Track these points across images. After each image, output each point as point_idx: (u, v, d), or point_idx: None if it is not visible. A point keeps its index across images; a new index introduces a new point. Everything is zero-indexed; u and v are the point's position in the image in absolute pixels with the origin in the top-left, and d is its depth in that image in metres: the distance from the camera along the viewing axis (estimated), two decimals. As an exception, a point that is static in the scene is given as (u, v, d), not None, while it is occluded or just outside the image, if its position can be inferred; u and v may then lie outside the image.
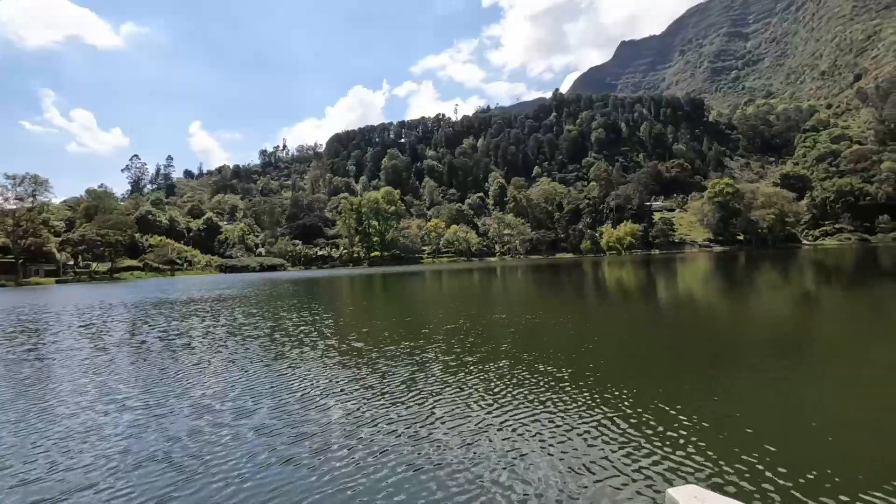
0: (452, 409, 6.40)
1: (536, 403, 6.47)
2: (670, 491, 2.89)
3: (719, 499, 2.77)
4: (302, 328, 14.26)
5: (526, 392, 6.98)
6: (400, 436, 5.51)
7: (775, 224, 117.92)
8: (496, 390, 7.14)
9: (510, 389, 7.14)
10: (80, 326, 16.85)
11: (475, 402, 6.69)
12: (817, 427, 5.52)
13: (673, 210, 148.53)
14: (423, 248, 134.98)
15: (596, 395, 6.69)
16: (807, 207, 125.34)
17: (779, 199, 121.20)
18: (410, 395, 7.10)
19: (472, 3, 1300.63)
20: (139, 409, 6.90)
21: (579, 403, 6.40)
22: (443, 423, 5.91)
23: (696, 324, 14.05)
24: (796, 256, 57.70)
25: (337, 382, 7.97)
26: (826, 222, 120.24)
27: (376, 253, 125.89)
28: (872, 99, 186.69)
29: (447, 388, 7.36)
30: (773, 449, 4.84)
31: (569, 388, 7.05)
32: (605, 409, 6.18)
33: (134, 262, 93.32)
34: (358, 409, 6.56)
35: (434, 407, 6.53)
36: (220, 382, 8.28)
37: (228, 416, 6.43)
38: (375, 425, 5.87)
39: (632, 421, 5.71)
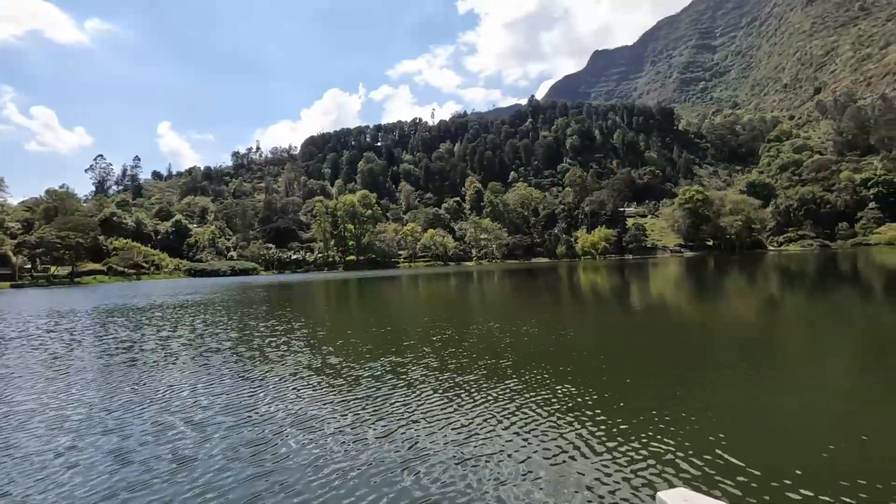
0: (447, 442, 5.45)
1: (526, 414, 6.37)
2: (661, 494, 2.96)
3: (709, 501, 2.84)
4: (270, 340, 12.93)
5: (515, 403, 6.84)
6: (386, 495, 4.37)
7: (742, 230, 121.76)
8: (496, 412, 6.49)
9: (506, 407, 6.71)
10: (12, 338, 15.04)
11: (471, 421, 6.13)
12: (797, 428, 5.74)
13: (645, 216, 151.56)
14: (400, 252, 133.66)
15: (582, 402, 6.75)
16: (771, 214, 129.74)
17: (745, 207, 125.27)
18: (399, 426, 5.92)
19: (448, 9, 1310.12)
20: (42, 457, 5.34)
21: (567, 411, 6.42)
22: (441, 463, 4.87)
23: (674, 328, 14.18)
24: (763, 262, 59.26)
25: (308, 412, 6.68)
26: (790, 229, 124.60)
27: (352, 257, 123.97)
28: (831, 111, 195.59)
29: (442, 416, 6.34)
30: (757, 450, 4.98)
31: (555, 397, 7.04)
32: (592, 415, 6.25)
33: (97, 266, 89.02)
34: (333, 453, 5.23)
35: (428, 441, 5.49)
36: (159, 415, 6.78)
37: (161, 468, 4.98)
38: (353, 479, 4.62)
39: (620, 426, 5.79)
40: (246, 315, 20.02)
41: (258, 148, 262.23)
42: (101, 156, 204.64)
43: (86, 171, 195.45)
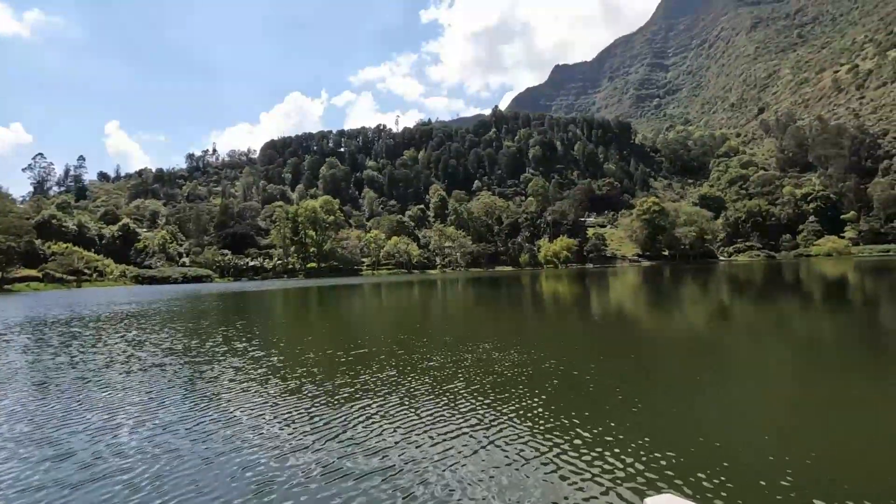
0: (426, 456, 5.18)
1: (508, 429, 6.20)
2: (648, 500, 3.02)
3: None
4: (206, 369, 10.19)
5: (494, 418, 6.63)
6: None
7: (696, 241, 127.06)
8: (475, 428, 5.92)
9: (485, 422, 6.27)
10: None
11: (453, 437, 5.43)
12: (778, 432, 5.87)
13: (605, 226, 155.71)
14: (363, 259, 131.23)
15: (566, 412, 6.67)
16: (722, 226, 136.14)
17: (699, 218, 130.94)
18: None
19: (411, 18, 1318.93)
20: None
21: (550, 422, 6.34)
22: (423, 480, 4.45)
23: (644, 337, 14.26)
24: (716, 271, 61.55)
25: (258, 487, 4.64)
26: (738, 240, 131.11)
27: (313, 264, 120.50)
28: (773, 130, 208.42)
29: (421, 432, 5.84)
30: (740, 455, 5.05)
31: (537, 409, 6.90)
32: (575, 422, 6.22)
33: (32, 272, 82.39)
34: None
35: (411, 463, 4.52)
36: (29, 479, 4.95)
37: None
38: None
39: (605, 435, 5.77)
40: (188, 330, 18.11)
41: (214, 150, 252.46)
42: (40, 154, 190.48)
43: (23, 170, 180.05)
